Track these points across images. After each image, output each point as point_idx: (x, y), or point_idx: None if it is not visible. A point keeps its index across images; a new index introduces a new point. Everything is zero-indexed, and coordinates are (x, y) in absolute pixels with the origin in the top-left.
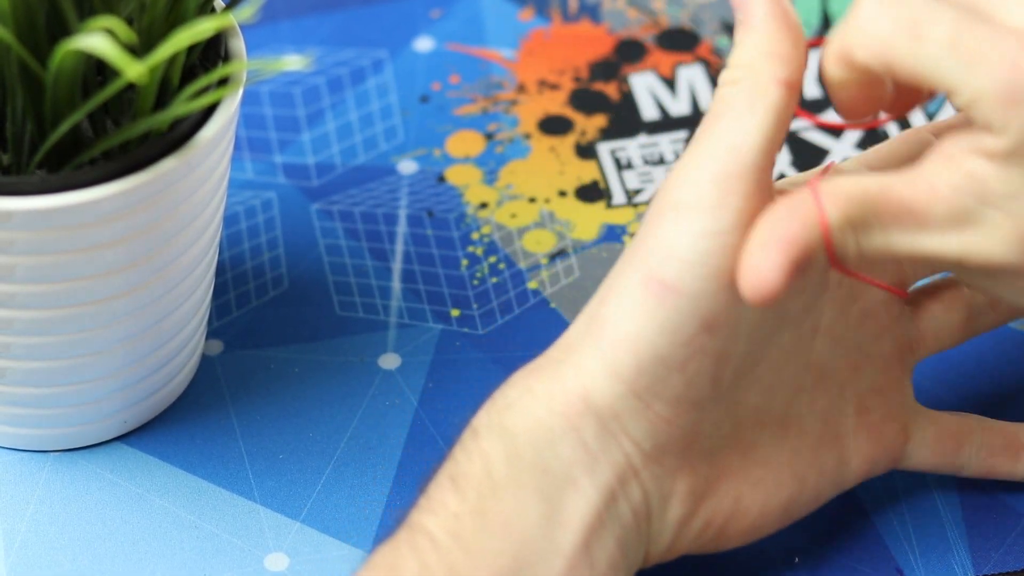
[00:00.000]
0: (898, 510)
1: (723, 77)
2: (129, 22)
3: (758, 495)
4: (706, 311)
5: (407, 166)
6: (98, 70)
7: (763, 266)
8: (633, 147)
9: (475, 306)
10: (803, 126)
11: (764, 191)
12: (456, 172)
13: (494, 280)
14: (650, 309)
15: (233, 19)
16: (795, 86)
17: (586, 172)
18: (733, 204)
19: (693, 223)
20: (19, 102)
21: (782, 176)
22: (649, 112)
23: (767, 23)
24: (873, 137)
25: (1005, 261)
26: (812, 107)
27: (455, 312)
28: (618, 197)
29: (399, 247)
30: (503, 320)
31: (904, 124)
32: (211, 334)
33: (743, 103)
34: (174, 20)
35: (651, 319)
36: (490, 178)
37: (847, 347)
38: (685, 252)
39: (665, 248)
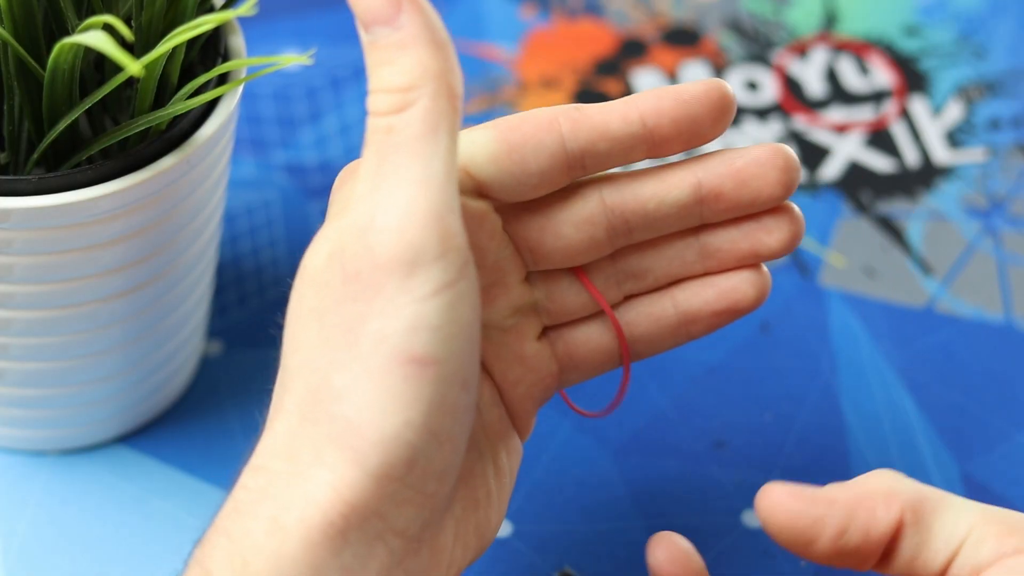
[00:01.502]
0: None
1: (378, 105)
2: (127, 20)
3: (492, 509)
4: (464, 370)
5: None
6: (96, 68)
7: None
8: None
9: None
10: (806, 127)
11: (465, 213)
12: None
13: None
14: (413, 391)
15: (232, 16)
16: (460, 97)
17: None
18: (455, 245)
19: (424, 283)
20: (17, 100)
21: None
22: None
23: (428, 44)
24: (874, 138)
25: None
26: (812, 107)
27: None
28: None
29: None
30: None
31: (910, 125)
32: (211, 334)
33: (424, 131)
34: (173, 18)
35: (416, 401)
36: None
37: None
38: (431, 319)
39: (404, 320)
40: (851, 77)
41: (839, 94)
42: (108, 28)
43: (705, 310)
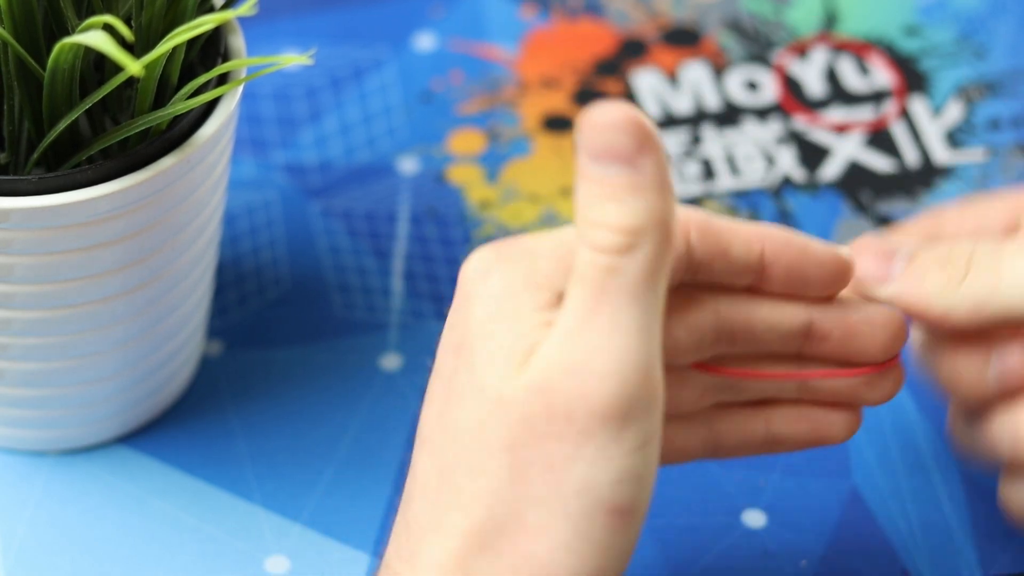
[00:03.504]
0: (904, 512)
1: (603, 242)
2: (127, 20)
3: None
4: (646, 511)
5: (408, 165)
6: (96, 68)
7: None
8: None
9: None
10: (806, 127)
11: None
12: (457, 171)
13: None
14: (610, 540)
15: (232, 16)
16: (675, 246)
17: None
18: (659, 396)
19: (636, 435)
20: (17, 100)
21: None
22: (651, 110)
23: (660, 189)
24: (874, 138)
25: None
26: (812, 107)
27: None
28: None
29: (400, 246)
30: None
31: (910, 125)
32: (211, 334)
33: (646, 278)
34: (173, 18)
35: (612, 549)
36: (492, 177)
37: None
38: (638, 471)
39: (615, 471)
40: (851, 77)
41: (839, 94)
42: (108, 28)
43: (795, 439)
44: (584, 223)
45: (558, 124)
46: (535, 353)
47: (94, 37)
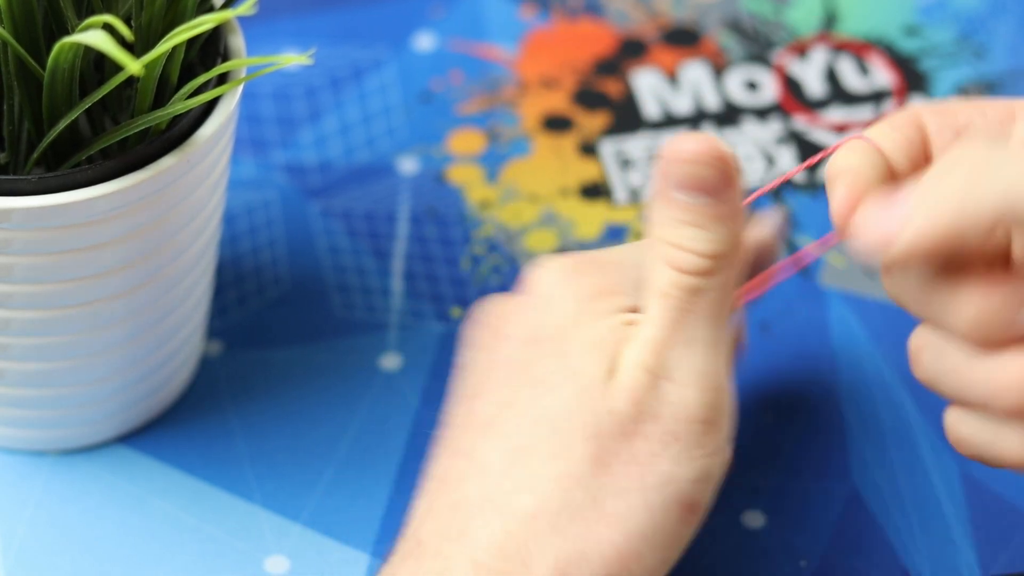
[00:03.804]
0: (904, 512)
1: (687, 264)
2: (127, 20)
3: None
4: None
5: (408, 165)
6: (96, 68)
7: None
8: (635, 145)
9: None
10: (804, 127)
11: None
12: (457, 171)
13: (496, 280)
14: (680, 533)
15: (232, 16)
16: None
17: (588, 171)
18: (730, 408)
19: (713, 441)
20: (17, 100)
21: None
22: (651, 110)
23: (737, 219)
24: None
25: None
26: (812, 107)
27: (457, 312)
28: (620, 196)
29: (400, 246)
30: None
31: None
32: (211, 334)
33: (723, 299)
34: (172, 17)
35: (680, 542)
36: (492, 177)
37: None
38: (713, 473)
39: (694, 472)
40: (851, 77)
41: (839, 94)
42: (108, 28)
43: None
44: (664, 243)
45: (558, 124)
46: (622, 355)
47: (94, 37)
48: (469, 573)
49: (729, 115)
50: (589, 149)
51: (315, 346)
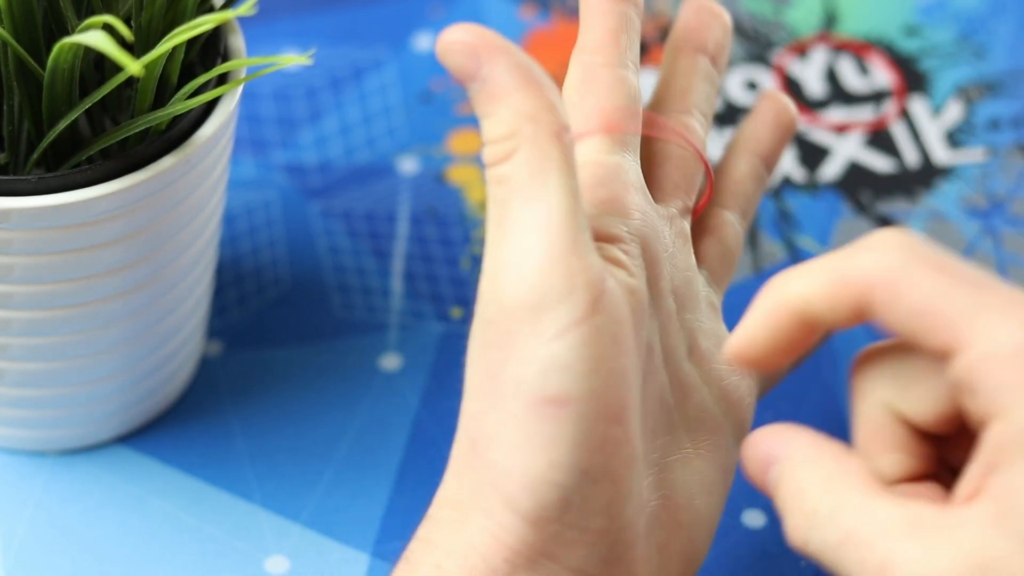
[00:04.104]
0: None
1: (488, 157)
2: (127, 20)
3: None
4: (607, 405)
5: (408, 165)
6: (96, 68)
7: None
8: None
9: None
10: (806, 127)
11: (592, 246)
12: (457, 171)
13: None
14: (552, 432)
15: (232, 16)
16: (567, 129)
17: None
18: (583, 282)
19: (551, 324)
20: (17, 100)
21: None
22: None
23: (517, 88)
24: (874, 138)
25: None
26: (812, 107)
27: (457, 312)
28: None
29: (400, 246)
30: None
31: (910, 125)
32: (211, 334)
33: (530, 174)
34: (172, 18)
35: (557, 441)
36: None
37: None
38: (562, 358)
39: (536, 362)
40: (851, 77)
41: (839, 94)
42: (108, 28)
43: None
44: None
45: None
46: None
47: (94, 37)
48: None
49: (729, 115)
50: None
51: (315, 346)
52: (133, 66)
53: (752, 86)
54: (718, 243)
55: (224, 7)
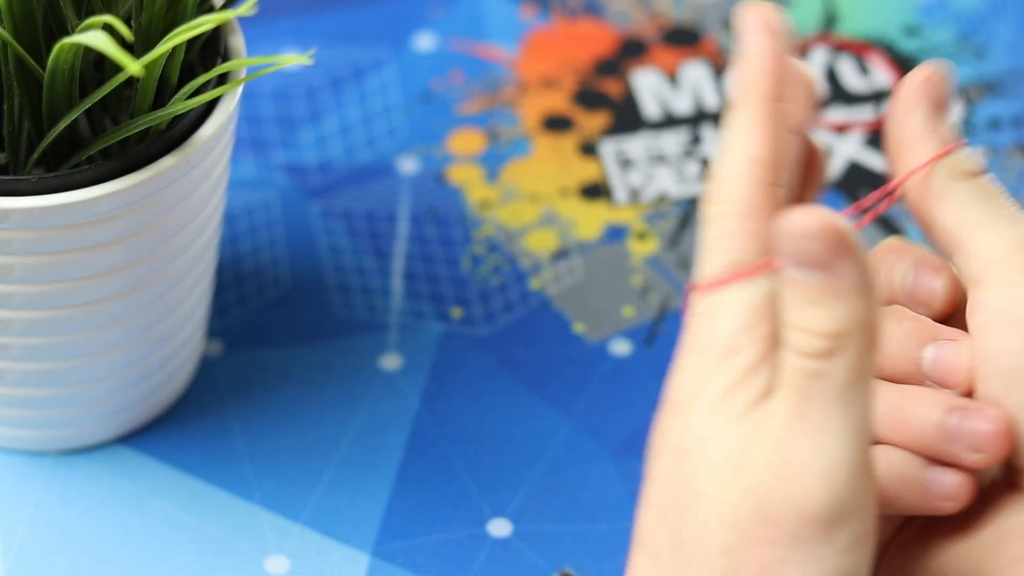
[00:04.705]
0: None
1: (809, 349)
2: (127, 20)
3: None
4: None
5: (408, 165)
6: (96, 68)
7: None
8: (636, 146)
9: (477, 306)
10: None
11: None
12: (457, 171)
13: (496, 280)
14: None
15: (232, 16)
16: (880, 347)
17: (588, 171)
18: (871, 497)
19: (845, 538)
20: (17, 100)
21: None
22: (652, 110)
23: (859, 288)
24: (874, 138)
25: None
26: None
27: (457, 312)
28: (621, 196)
29: (400, 246)
30: (505, 320)
31: None
32: (211, 334)
33: (852, 381)
34: (172, 18)
35: None
36: (492, 177)
37: None
38: (849, 571)
39: (827, 573)
40: (851, 77)
41: (839, 94)
42: (108, 28)
43: None
44: (787, 326)
45: (558, 124)
46: (748, 458)
47: (94, 37)
48: None
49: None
50: (589, 149)
51: (315, 346)
52: (133, 66)
53: None
54: None
55: (224, 7)
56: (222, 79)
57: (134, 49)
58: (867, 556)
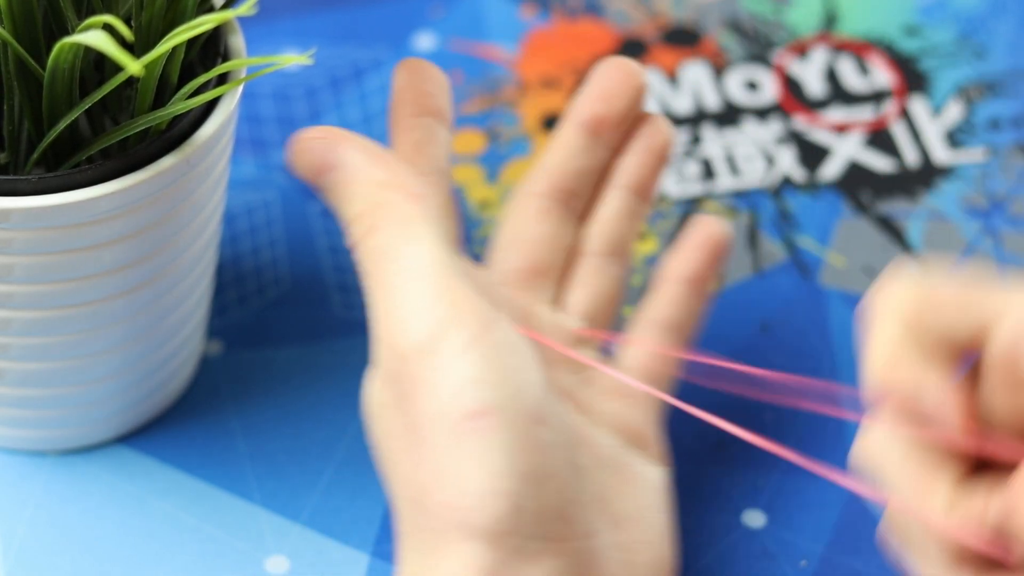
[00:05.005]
0: None
1: (355, 236)
2: (127, 20)
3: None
4: (526, 407)
5: None
6: (96, 68)
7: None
8: None
9: None
10: (806, 127)
11: (475, 288)
12: (457, 171)
13: None
14: (482, 443)
15: (232, 16)
16: (424, 196)
17: None
18: (465, 308)
19: (449, 349)
20: (17, 100)
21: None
22: (651, 110)
23: (370, 164)
24: (874, 138)
25: None
26: (812, 107)
27: None
28: None
29: None
30: None
31: (910, 125)
32: (211, 334)
33: (397, 237)
34: (172, 18)
35: (489, 451)
36: (492, 177)
37: None
38: (468, 374)
39: (446, 387)
40: (851, 77)
41: (839, 94)
42: (108, 28)
43: None
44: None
45: (558, 124)
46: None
47: (94, 37)
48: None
49: (729, 115)
50: None
51: (315, 346)
52: (133, 66)
53: (752, 86)
54: (590, 294)
55: (224, 7)
56: (222, 79)
57: (134, 49)
58: (487, 357)
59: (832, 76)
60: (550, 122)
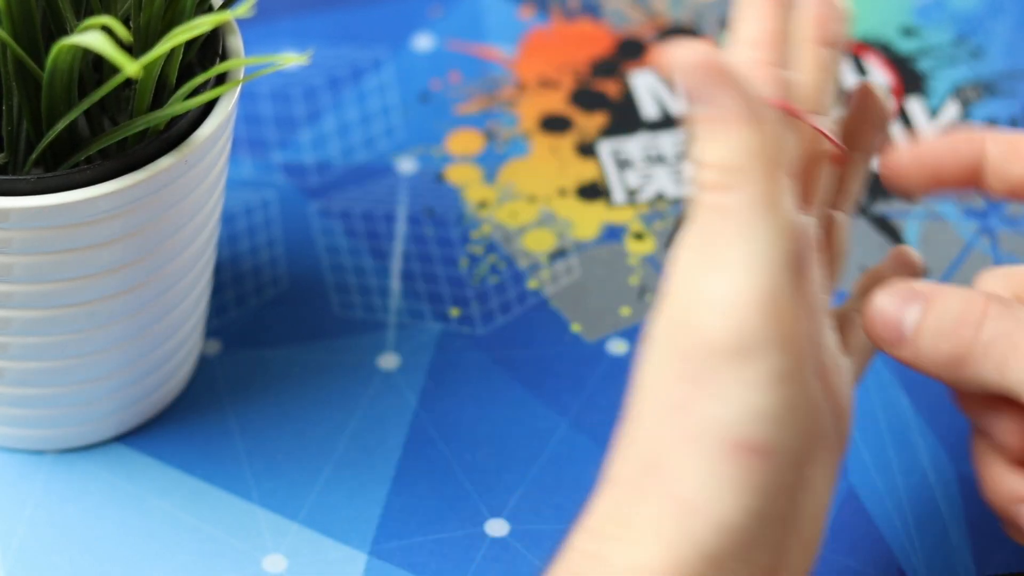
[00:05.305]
0: (900, 511)
1: (705, 182)
2: (126, 21)
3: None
4: (801, 455)
5: (406, 165)
6: (95, 68)
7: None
8: (634, 146)
9: (475, 306)
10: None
11: (811, 298)
12: (456, 171)
13: (494, 280)
14: (747, 478)
15: (230, 17)
16: (789, 173)
17: (586, 171)
18: (793, 332)
19: (757, 373)
20: (16, 101)
21: None
22: (650, 111)
23: (748, 122)
24: None
25: None
26: None
27: (455, 312)
28: (618, 196)
29: (398, 246)
30: (503, 320)
31: (907, 125)
32: (209, 334)
33: (753, 213)
34: (171, 18)
35: (753, 489)
36: (490, 177)
37: None
38: (766, 408)
39: (738, 407)
40: (849, 77)
41: (838, 94)
42: (106, 29)
43: None
44: (697, 164)
45: (556, 124)
46: (669, 292)
47: (92, 38)
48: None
49: None
50: (587, 149)
51: (313, 345)
52: (131, 67)
53: None
54: (828, 248)
55: (222, 8)
56: (220, 79)
57: (133, 50)
58: (798, 396)
59: None
60: (548, 122)
